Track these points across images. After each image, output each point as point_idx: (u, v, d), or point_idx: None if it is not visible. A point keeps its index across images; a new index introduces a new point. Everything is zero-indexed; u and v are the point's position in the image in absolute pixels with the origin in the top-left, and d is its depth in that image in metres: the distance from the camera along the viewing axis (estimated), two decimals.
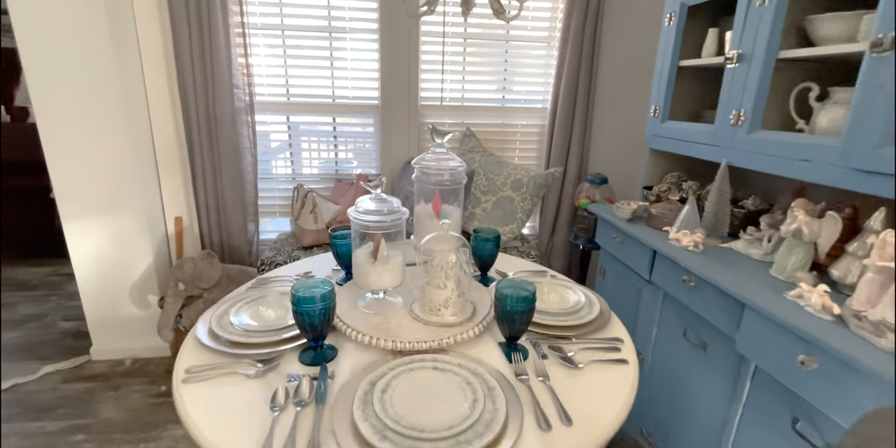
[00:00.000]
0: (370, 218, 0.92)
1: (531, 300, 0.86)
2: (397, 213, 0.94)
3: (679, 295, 1.31)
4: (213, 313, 1.02)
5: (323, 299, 0.83)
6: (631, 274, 1.57)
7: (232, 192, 2.14)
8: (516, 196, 2.08)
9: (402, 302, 1.03)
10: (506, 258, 1.40)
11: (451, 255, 0.93)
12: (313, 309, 0.83)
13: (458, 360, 0.85)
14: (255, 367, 0.85)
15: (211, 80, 1.97)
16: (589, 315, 1.04)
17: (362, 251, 0.98)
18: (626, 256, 1.57)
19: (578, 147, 2.24)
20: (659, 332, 1.45)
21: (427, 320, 0.94)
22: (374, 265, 0.96)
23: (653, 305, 1.46)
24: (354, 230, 0.96)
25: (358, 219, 0.92)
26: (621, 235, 1.59)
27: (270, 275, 1.28)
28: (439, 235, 0.95)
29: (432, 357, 0.86)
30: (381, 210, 0.93)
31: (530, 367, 0.88)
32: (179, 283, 1.90)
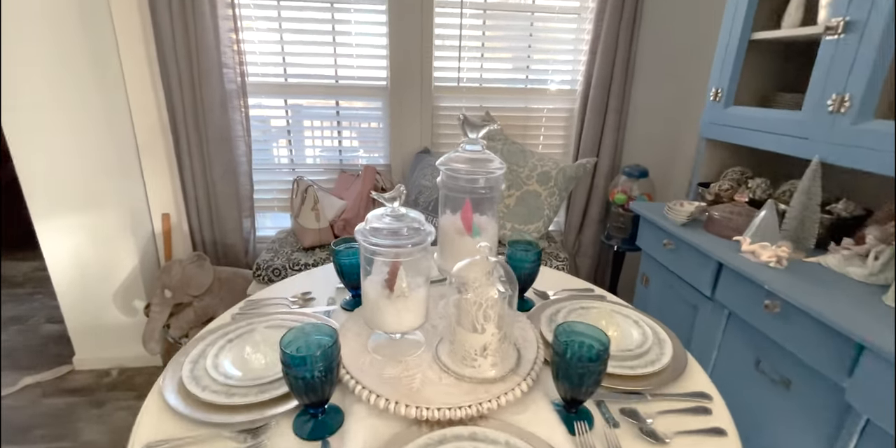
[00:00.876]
0: (385, 242, 0.69)
1: (604, 354, 0.64)
2: (421, 235, 0.71)
3: (756, 320, 1.08)
4: (188, 355, 0.80)
5: (323, 358, 0.62)
6: (685, 287, 1.34)
7: (224, 185, 1.91)
8: (543, 191, 1.84)
9: (423, 341, 0.81)
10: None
11: (493, 289, 0.70)
12: (310, 371, 0.61)
13: (505, 435, 0.64)
14: (236, 441, 0.64)
15: (196, 59, 1.72)
16: (661, 358, 0.82)
17: (374, 281, 0.75)
18: (679, 266, 1.35)
19: (613, 135, 1.99)
20: (720, 358, 1.23)
21: (459, 374, 0.72)
22: (390, 300, 0.74)
23: (713, 326, 1.24)
24: (364, 255, 0.74)
25: (368, 242, 0.70)
26: (674, 242, 1.36)
27: (261, 296, 1.06)
28: (476, 262, 0.72)
29: (470, 431, 0.65)
30: (400, 230, 0.71)
31: (599, 440, 0.66)
32: (166, 290, 1.69)
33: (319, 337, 0.68)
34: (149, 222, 1.93)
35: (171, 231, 1.97)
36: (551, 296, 1.08)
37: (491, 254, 0.72)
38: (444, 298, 0.96)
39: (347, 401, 0.73)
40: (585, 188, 2.08)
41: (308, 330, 0.68)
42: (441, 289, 1.01)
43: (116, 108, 1.73)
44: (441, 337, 0.81)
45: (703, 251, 1.21)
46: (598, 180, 2.06)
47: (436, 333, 0.84)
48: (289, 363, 0.61)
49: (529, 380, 0.72)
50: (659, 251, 1.44)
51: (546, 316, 0.95)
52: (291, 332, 0.66)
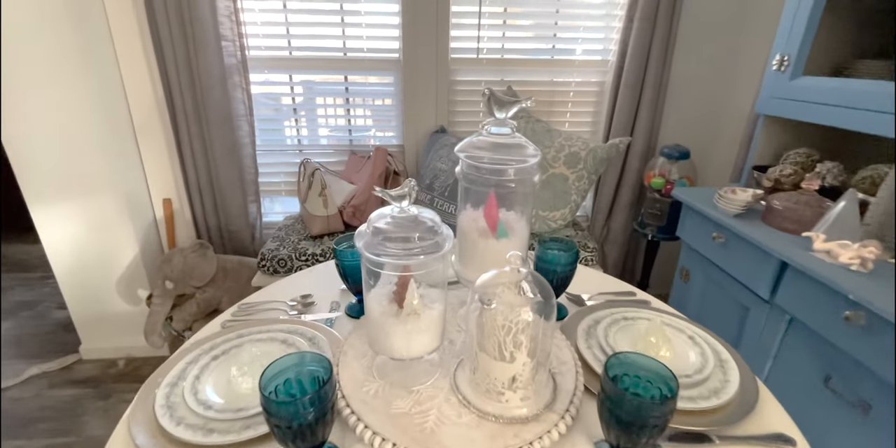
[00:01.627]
0: (391, 250, 0.56)
1: (671, 402, 0.50)
2: (437, 241, 0.57)
3: (828, 331, 0.92)
4: (166, 376, 0.69)
5: (314, 402, 0.49)
6: (735, 286, 1.19)
7: (227, 168, 1.79)
8: (571, 174, 1.67)
9: (439, 363, 0.68)
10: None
11: (526, 310, 0.56)
12: (297, 418, 0.48)
13: None
14: None
15: (191, 31, 1.57)
16: (726, 387, 0.67)
17: (379, 294, 0.62)
18: (730, 263, 1.18)
19: (650, 111, 1.79)
20: (775, 369, 1.09)
21: (483, 410, 0.59)
22: (398, 319, 0.60)
23: (769, 333, 1.09)
24: (366, 267, 0.60)
25: (371, 251, 0.56)
26: (725, 235, 1.19)
27: (257, 299, 0.94)
28: (504, 274, 0.58)
29: None
30: (410, 235, 0.56)
31: None
32: (167, 282, 1.60)
33: (312, 367, 0.55)
34: (149, 208, 1.83)
35: (174, 217, 1.86)
36: (587, 300, 0.94)
37: (523, 264, 0.58)
38: (463, 306, 0.83)
39: (348, 440, 0.60)
40: (617, 170, 1.91)
41: (295, 361, 0.55)
42: (460, 293, 0.87)
43: (108, 85, 1.60)
44: (461, 358, 0.68)
45: (762, 247, 1.05)
46: (631, 162, 1.88)
47: (453, 351, 0.71)
48: (269, 410, 0.48)
49: (568, 417, 0.59)
50: (705, 244, 1.28)
51: (583, 329, 0.81)
52: (275, 366, 0.53)
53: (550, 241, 0.87)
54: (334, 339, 0.78)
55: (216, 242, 1.93)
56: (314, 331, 0.79)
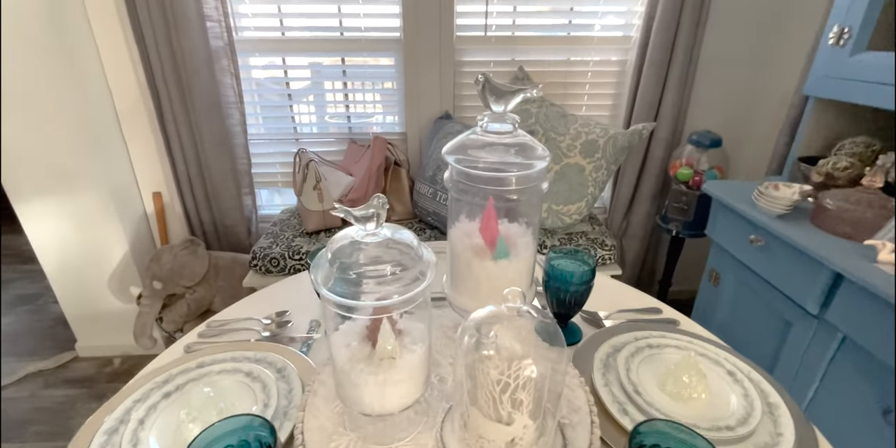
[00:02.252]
0: (359, 287, 0.43)
1: None
2: (418, 271, 0.45)
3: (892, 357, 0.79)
4: (102, 424, 0.59)
5: None
6: (776, 296, 1.04)
7: (218, 159, 1.68)
8: (588, 164, 1.52)
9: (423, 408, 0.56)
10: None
11: (529, 365, 0.44)
12: None
13: None
14: None
15: (171, 10, 1.44)
16: (779, 444, 0.55)
17: (345, 333, 0.50)
18: (770, 269, 1.04)
19: (677, 93, 1.62)
20: (822, 393, 0.95)
21: None
22: (369, 366, 0.48)
23: (816, 352, 0.95)
24: (325, 307, 0.48)
25: (333, 291, 0.44)
26: (765, 238, 1.04)
27: (227, 317, 0.84)
28: (501, 313, 0.46)
29: None
30: (381, 270, 0.44)
31: None
32: (154, 282, 1.51)
33: (258, 432, 0.44)
34: (139, 201, 1.74)
35: (165, 211, 1.77)
36: (604, 319, 0.81)
37: (525, 301, 0.45)
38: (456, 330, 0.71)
39: None
40: (638, 159, 1.75)
41: (231, 427, 0.44)
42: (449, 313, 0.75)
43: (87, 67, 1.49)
44: (450, 405, 0.57)
45: (811, 255, 0.90)
46: (654, 150, 1.71)
47: (443, 391, 0.59)
48: None
49: None
50: (740, 246, 1.13)
51: (600, 358, 0.69)
52: (207, 434, 0.42)
53: (562, 255, 0.75)
54: (308, 370, 0.67)
55: (211, 238, 1.83)
56: (286, 360, 0.69)
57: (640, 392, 0.61)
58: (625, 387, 0.62)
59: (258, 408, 0.60)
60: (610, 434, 0.57)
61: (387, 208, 0.45)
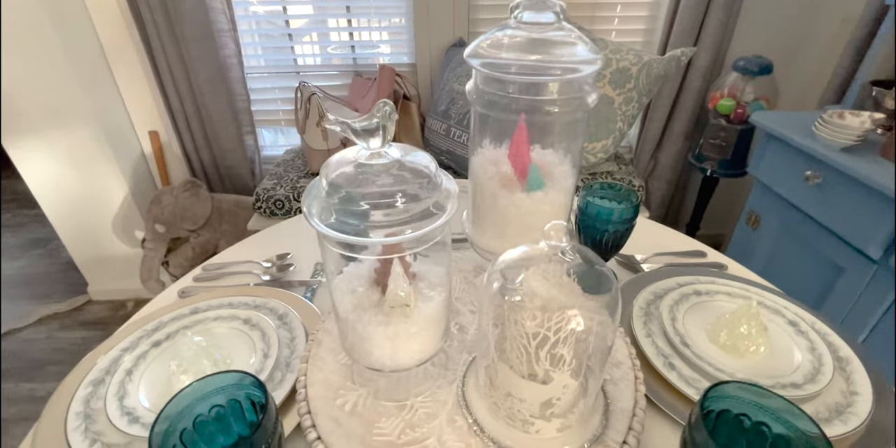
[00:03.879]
0: (358, 222, 0.34)
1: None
2: (434, 202, 0.36)
3: None
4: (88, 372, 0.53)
5: None
6: (829, 239, 0.95)
7: (214, 94, 1.55)
8: (617, 96, 1.38)
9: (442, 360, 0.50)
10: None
11: (575, 315, 0.36)
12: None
13: None
14: None
15: None
16: (855, 407, 0.47)
17: (350, 278, 0.42)
18: (826, 210, 0.93)
19: (722, 14, 1.42)
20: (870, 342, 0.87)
21: (502, 444, 0.41)
22: (378, 315, 0.41)
23: (871, 301, 0.87)
24: (325, 246, 0.39)
25: (331, 225, 0.35)
26: (824, 173, 0.92)
27: (224, 259, 0.76)
28: (537, 254, 0.37)
29: None
30: (390, 202, 0.35)
31: None
32: (157, 225, 1.45)
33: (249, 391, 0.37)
34: (135, 141, 1.64)
35: (163, 152, 1.68)
36: (642, 264, 0.73)
37: (568, 237, 0.36)
38: (480, 274, 0.63)
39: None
40: (672, 91, 1.58)
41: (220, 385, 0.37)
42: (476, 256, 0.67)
43: None
44: (472, 357, 0.50)
45: (880, 192, 0.79)
46: (691, 80, 1.54)
47: (464, 341, 0.52)
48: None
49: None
50: (791, 184, 1.02)
51: (640, 307, 0.61)
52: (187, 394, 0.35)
53: (600, 188, 0.65)
54: (312, 317, 0.60)
55: (214, 181, 1.75)
56: (288, 306, 0.62)
57: (689, 344, 0.54)
58: (670, 338, 0.55)
59: (257, 358, 0.54)
60: (654, 391, 0.50)
61: (395, 120, 0.35)
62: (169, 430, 0.34)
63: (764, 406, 0.35)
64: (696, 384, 0.50)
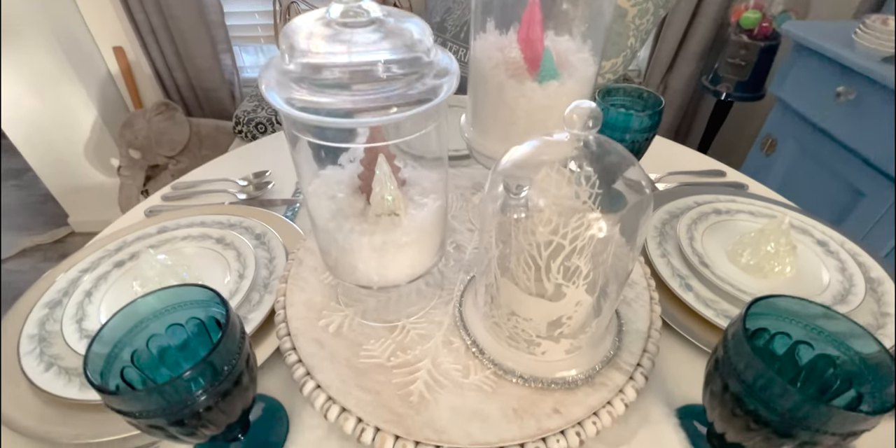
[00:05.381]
0: (333, 99, 0.27)
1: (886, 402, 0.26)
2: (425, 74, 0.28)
3: None
4: (47, 294, 0.48)
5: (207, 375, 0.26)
6: (850, 162, 0.88)
7: (183, 6, 1.39)
8: (632, 7, 1.24)
9: (436, 280, 0.45)
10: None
11: (596, 220, 0.30)
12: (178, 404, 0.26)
13: None
14: None
15: None
16: (886, 329, 0.43)
17: (329, 182, 0.35)
18: (855, 130, 0.86)
19: None
20: None
21: (503, 366, 0.37)
22: (363, 224, 0.34)
23: (891, 227, 0.82)
24: (288, 130, 0.32)
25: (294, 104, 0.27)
26: (859, 88, 0.84)
27: (196, 177, 0.69)
28: (552, 147, 0.31)
29: None
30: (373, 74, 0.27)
31: None
32: (131, 150, 1.36)
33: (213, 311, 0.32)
34: (99, 59, 1.49)
35: (132, 71, 1.54)
36: (656, 183, 0.66)
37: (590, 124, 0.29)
38: (478, 192, 0.56)
39: (297, 399, 0.40)
40: (691, 2, 1.43)
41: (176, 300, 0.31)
42: (473, 173, 0.60)
43: None
44: (471, 276, 0.45)
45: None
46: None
47: (460, 261, 0.47)
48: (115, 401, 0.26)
49: (640, 377, 0.37)
50: (818, 103, 0.93)
51: (654, 226, 0.55)
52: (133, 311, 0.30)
53: (617, 92, 0.57)
54: (293, 237, 0.55)
55: (191, 104, 1.62)
56: (266, 225, 0.56)
57: (708, 264, 0.49)
58: (688, 258, 0.50)
59: (232, 279, 0.48)
60: (669, 314, 0.46)
61: None
62: (114, 353, 0.28)
63: (810, 325, 0.30)
64: (715, 305, 0.46)
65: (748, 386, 0.27)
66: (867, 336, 0.27)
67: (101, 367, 0.27)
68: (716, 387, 0.30)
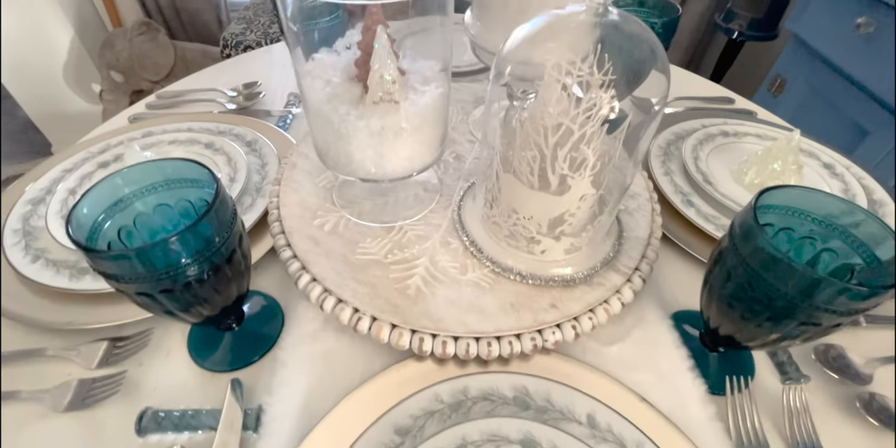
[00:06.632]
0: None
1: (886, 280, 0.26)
2: None
3: None
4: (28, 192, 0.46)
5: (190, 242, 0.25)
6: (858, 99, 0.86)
7: None
8: None
9: (435, 185, 0.44)
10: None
11: (606, 98, 0.28)
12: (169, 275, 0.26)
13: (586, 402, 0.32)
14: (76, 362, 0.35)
15: None
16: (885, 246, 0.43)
17: (323, 66, 0.33)
18: (868, 65, 0.83)
19: None
20: None
21: (502, 263, 0.36)
22: (359, 108, 0.32)
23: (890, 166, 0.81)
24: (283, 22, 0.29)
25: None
26: (878, 18, 0.80)
27: (182, 87, 0.66)
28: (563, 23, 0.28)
29: (516, 387, 0.33)
30: None
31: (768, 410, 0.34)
32: (113, 72, 1.29)
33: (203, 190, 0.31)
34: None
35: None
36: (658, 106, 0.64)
37: None
38: (479, 106, 0.54)
39: (293, 294, 0.40)
40: None
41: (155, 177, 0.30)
42: (476, 87, 0.58)
43: None
44: (471, 181, 0.43)
45: None
46: None
47: (460, 170, 0.45)
48: (100, 261, 0.25)
49: (637, 279, 0.37)
50: (834, 38, 0.89)
51: (659, 145, 0.54)
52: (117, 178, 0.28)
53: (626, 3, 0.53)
54: (285, 146, 0.53)
55: (175, 27, 1.53)
56: (256, 132, 0.53)
57: (711, 182, 0.48)
58: (691, 176, 0.49)
59: None
60: (670, 230, 0.45)
61: None
62: (99, 223, 0.27)
63: (817, 218, 0.30)
64: (716, 221, 0.45)
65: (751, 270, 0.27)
66: (875, 223, 0.27)
67: (87, 235, 0.26)
68: (716, 277, 0.30)
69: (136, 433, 0.31)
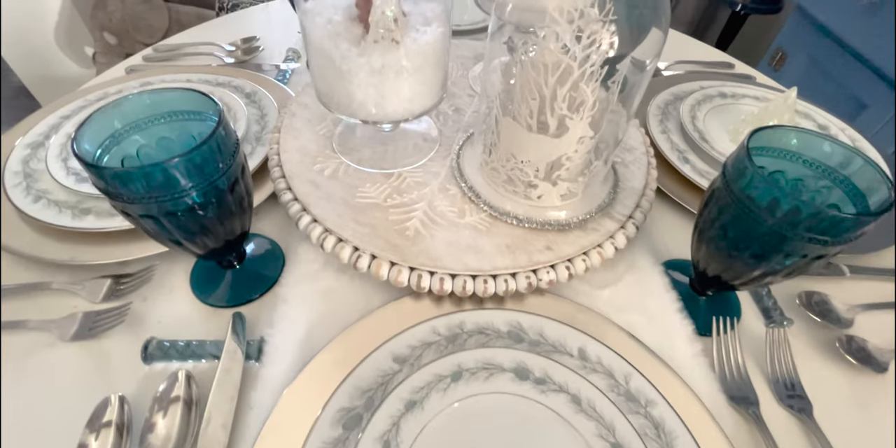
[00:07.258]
0: None
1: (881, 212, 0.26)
2: None
3: None
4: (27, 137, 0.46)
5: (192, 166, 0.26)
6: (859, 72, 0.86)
7: None
8: None
9: (436, 135, 0.44)
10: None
11: (610, 34, 0.28)
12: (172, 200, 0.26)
13: (577, 336, 0.33)
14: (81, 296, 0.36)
15: None
16: None
17: (325, 7, 0.33)
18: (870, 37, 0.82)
19: None
20: None
21: (499, 208, 0.37)
22: (361, 48, 0.32)
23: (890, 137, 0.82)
24: None
25: None
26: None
27: (179, 41, 0.65)
28: None
29: (511, 322, 0.34)
30: None
31: (752, 350, 0.35)
32: (106, 34, 1.26)
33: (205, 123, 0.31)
34: None
35: None
36: (663, 71, 0.64)
37: None
38: (479, 62, 0.54)
39: (293, 237, 0.41)
40: None
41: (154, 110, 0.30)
42: (476, 44, 0.57)
43: None
44: (470, 132, 0.44)
45: None
46: None
47: (459, 122, 0.46)
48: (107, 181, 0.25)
49: (631, 227, 0.37)
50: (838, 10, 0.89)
51: (657, 105, 0.54)
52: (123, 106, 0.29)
53: None
54: (284, 99, 0.52)
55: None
56: (255, 84, 0.53)
57: (708, 140, 0.49)
58: (688, 134, 0.49)
59: None
60: (666, 186, 0.46)
61: None
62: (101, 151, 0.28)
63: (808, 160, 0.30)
64: (710, 177, 0.46)
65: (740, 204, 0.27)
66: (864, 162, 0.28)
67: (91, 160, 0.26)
68: (707, 218, 0.31)
69: (142, 361, 0.32)
